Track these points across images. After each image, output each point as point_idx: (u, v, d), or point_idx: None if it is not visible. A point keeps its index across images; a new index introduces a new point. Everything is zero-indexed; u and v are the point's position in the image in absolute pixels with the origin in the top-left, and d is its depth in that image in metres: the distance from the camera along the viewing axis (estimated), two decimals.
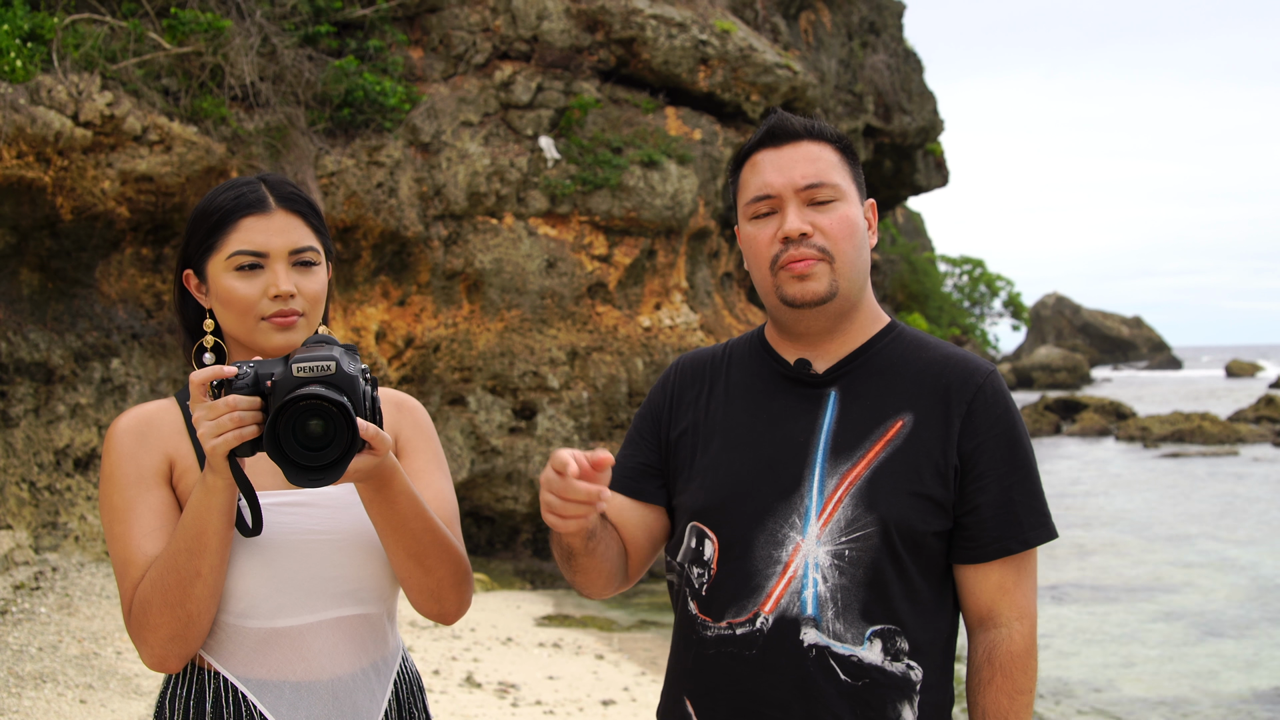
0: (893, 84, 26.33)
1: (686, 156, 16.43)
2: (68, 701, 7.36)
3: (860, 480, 2.62)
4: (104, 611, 9.62)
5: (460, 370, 15.55)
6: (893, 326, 2.81)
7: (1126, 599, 15.44)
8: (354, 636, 2.62)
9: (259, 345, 2.62)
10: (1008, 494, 2.64)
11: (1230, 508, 23.37)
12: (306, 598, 2.56)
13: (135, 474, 2.56)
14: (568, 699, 9.49)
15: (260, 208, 2.63)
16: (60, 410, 11.84)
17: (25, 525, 11.09)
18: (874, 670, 2.58)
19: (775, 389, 2.77)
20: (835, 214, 2.68)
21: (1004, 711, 2.62)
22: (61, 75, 11.67)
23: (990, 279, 60.83)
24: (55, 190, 11.69)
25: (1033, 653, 2.65)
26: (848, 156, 2.77)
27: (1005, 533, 2.63)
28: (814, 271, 2.66)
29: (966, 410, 2.66)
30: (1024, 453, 2.68)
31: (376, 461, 2.38)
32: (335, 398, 2.28)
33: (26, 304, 11.93)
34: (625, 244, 16.13)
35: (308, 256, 2.66)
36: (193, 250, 2.66)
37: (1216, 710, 10.71)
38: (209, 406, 2.34)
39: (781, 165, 2.71)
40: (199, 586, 2.45)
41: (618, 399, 15.84)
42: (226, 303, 2.61)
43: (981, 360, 2.76)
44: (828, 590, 2.59)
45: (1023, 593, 2.67)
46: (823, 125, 2.77)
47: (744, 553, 2.66)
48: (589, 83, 16.49)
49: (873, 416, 2.67)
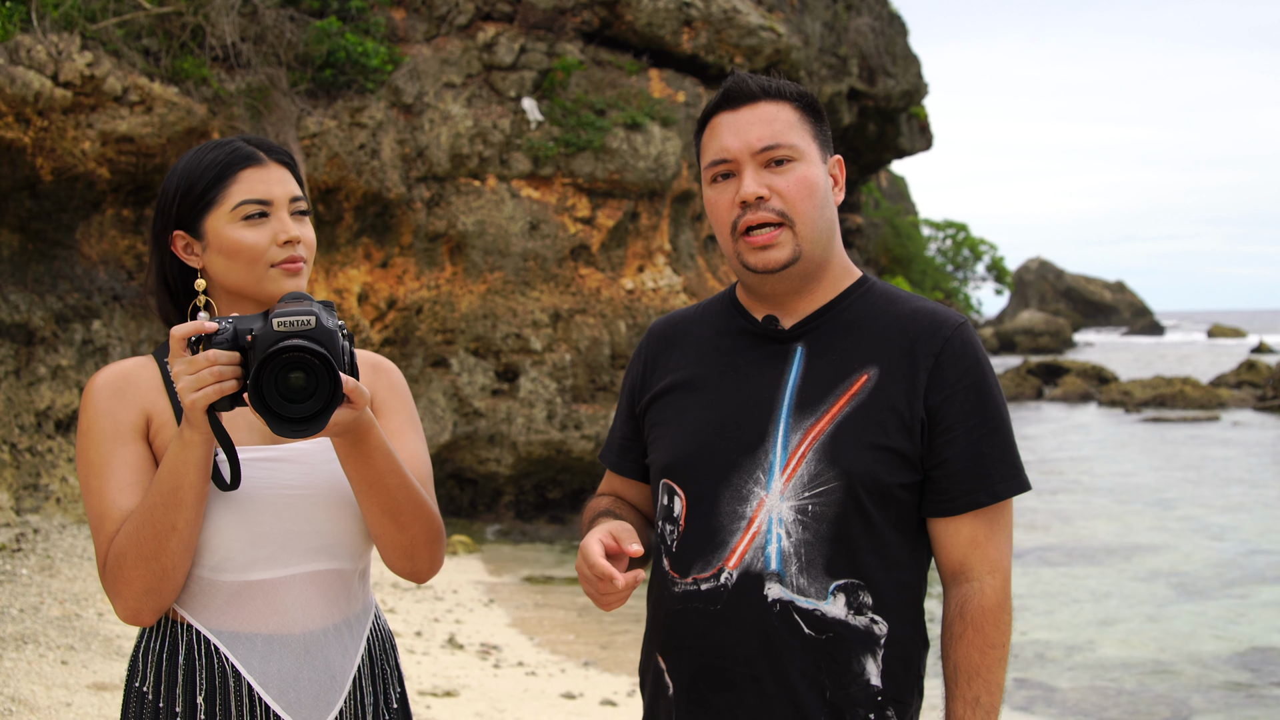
0: (877, 47, 26.27)
1: (670, 119, 16.40)
2: (49, 663, 7.37)
3: (824, 435, 2.61)
4: (85, 573, 9.63)
5: (443, 332, 15.53)
6: (863, 281, 2.79)
7: (1106, 561, 15.53)
8: (327, 591, 2.64)
9: (267, 293, 2.65)
10: (977, 446, 2.62)
11: (1211, 472, 23.50)
12: (280, 552, 2.58)
13: (112, 429, 2.57)
14: (549, 660, 9.53)
15: (255, 160, 2.67)
16: (41, 372, 11.81)
17: (6, 487, 11.08)
18: (837, 624, 2.59)
19: (743, 345, 2.77)
20: (793, 175, 2.66)
21: (975, 666, 2.61)
22: (41, 35, 11.59)
23: (974, 243, 60.80)
24: (35, 151, 11.63)
25: (1005, 607, 2.64)
26: (809, 114, 2.74)
27: (975, 485, 2.62)
28: (776, 240, 2.66)
29: (934, 363, 2.64)
30: (994, 405, 2.66)
31: (355, 415, 2.41)
32: (318, 349, 2.31)
33: (7, 265, 11.88)
34: (608, 206, 16.11)
35: (302, 206, 2.71)
36: (185, 209, 2.66)
37: (1194, 670, 10.79)
38: (189, 361, 2.36)
39: (738, 128, 2.69)
40: (174, 540, 2.46)
41: (600, 361, 15.84)
42: (234, 253, 2.63)
43: (951, 312, 2.73)
44: (791, 545, 2.60)
45: (994, 546, 2.65)
46: (781, 84, 2.73)
47: (709, 509, 2.67)
48: (572, 44, 16.43)
49: (838, 371, 2.66)
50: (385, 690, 2.74)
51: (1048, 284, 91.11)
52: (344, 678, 2.64)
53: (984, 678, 2.61)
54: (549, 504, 16.21)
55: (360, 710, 2.67)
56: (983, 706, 2.60)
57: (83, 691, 6.92)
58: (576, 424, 15.57)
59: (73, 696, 6.78)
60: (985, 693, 2.61)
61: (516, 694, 8.45)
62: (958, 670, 2.63)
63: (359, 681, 2.68)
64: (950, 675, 2.64)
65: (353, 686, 2.66)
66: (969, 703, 2.61)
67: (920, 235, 54.63)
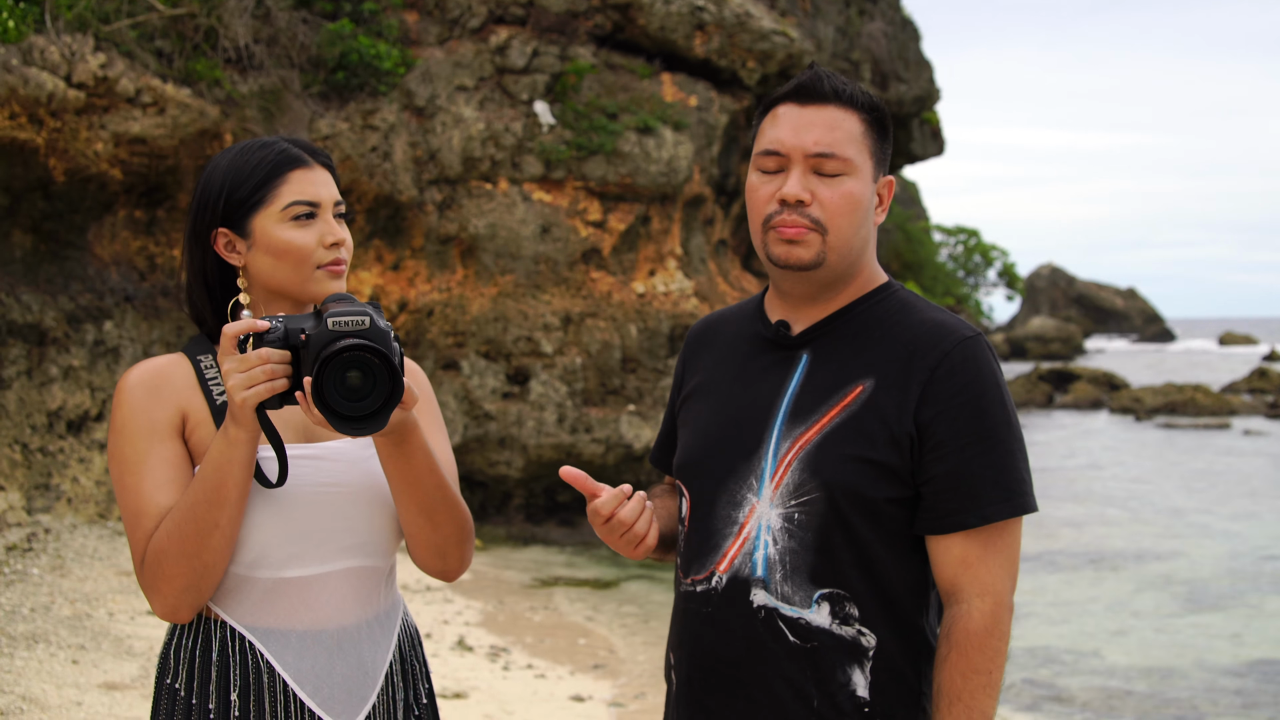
0: (889, 52, 26.26)
1: (682, 123, 16.39)
2: (60, 662, 7.39)
3: (810, 445, 2.59)
4: (96, 573, 9.65)
5: (454, 335, 15.55)
6: (884, 289, 2.74)
7: (1115, 569, 15.51)
8: (360, 588, 2.65)
9: (311, 294, 2.67)
10: (967, 466, 2.54)
11: (1221, 480, 23.45)
12: (316, 549, 2.60)
13: (148, 426, 2.58)
14: (558, 662, 9.54)
15: (303, 162, 2.70)
16: (53, 372, 11.84)
17: (18, 487, 11.10)
18: (821, 634, 2.57)
19: (756, 350, 2.76)
20: (839, 188, 2.61)
21: (957, 690, 2.53)
22: (54, 36, 11.62)
23: (985, 249, 60.78)
24: (48, 152, 11.67)
25: (994, 633, 2.54)
26: (875, 129, 2.67)
27: (961, 506, 2.54)
28: (804, 239, 2.62)
29: (929, 377, 2.57)
30: (992, 423, 2.57)
31: (404, 415, 2.45)
32: (379, 348, 2.35)
33: (19, 266, 11.91)
34: (620, 210, 16.12)
35: (343, 209, 2.76)
36: (232, 208, 2.67)
37: (1203, 679, 10.77)
38: (240, 359, 2.39)
39: (799, 125, 2.64)
40: (216, 537, 2.48)
41: (611, 365, 15.85)
42: (282, 254, 2.65)
43: (961, 325, 2.66)
44: (777, 553, 2.59)
45: (988, 569, 2.56)
46: (856, 91, 2.66)
47: (707, 511, 2.68)
48: (585, 48, 16.43)
49: (835, 381, 2.63)
50: (415, 686, 2.76)
51: (1059, 290, 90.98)
52: (376, 673, 2.66)
53: (965, 703, 2.52)
54: (559, 507, 16.21)
55: (391, 706, 2.69)
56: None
57: (93, 691, 6.93)
58: (587, 427, 15.57)
59: (83, 696, 6.80)
60: (965, 719, 2.52)
61: (526, 696, 8.46)
62: (940, 693, 2.55)
63: (390, 677, 2.69)
64: (935, 697, 2.58)
65: (385, 682, 2.68)
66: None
67: (932, 241, 54.61)
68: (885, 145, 2.70)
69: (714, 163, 16.97)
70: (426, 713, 2.77)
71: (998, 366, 2.66)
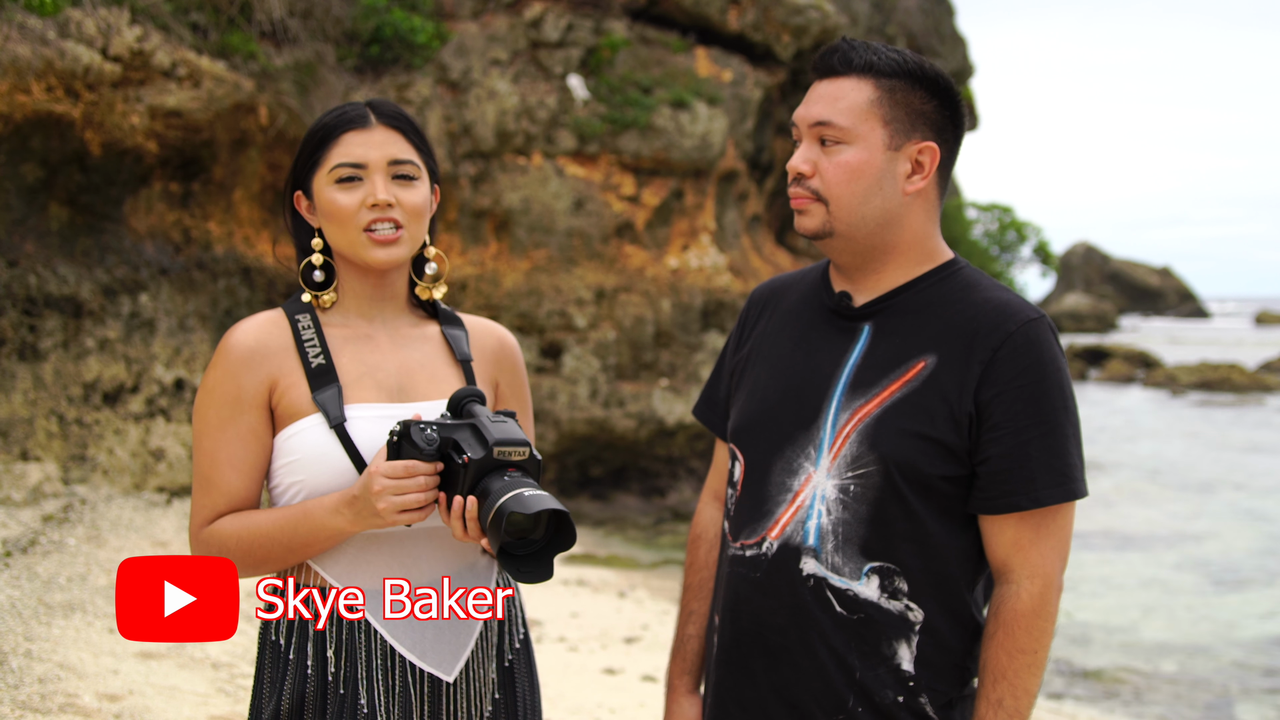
0: (924, 27, 26.12)
1: (716, 98, 16.35)
2: (96, 631, 7.44)
3: (870, 418, 2.60)
4: (131, 544, 9.71)
5: (487, 309, 15.56)
6: (949, 265, 2.74)
7: (1148, 546, 15.44)
8: (451, 540, 2.67)
9: (361, 259, 2.70)
10: (1024, 448, 2.56)
11: (1255, 457, 23.31)
12: None
13: (235, 393, 2.63)
14: (590, 636, 9.56)
15: (361, 123, 2.70)
16: (89, 344, 11.89)
17: (54, 457, 11.18)
18: (869, 606, 2.59)
19: (817, 319, 2.77)
20: (835, 158, 2.63)
21: (1002, 668, 2.58)
22: (90, 9, 11.65)
23: (1019, 226, 60.37)
24: (84, 125, 11.70)
25: (1042, 614, 2.58)
26: (896, 94, 2.64)
27: (1015, 488, 2.57)
28: (807, 210, 2.67)
29: (991, 357, 2.58)
30: (1050, 407, 2.59)
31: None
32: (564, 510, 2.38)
33: (55, 238, 11.97)
34: (653, 185, 16.09)
35: (407, 170, 2.74)
36: (300, 170, 2.74)
37: (1234, 655, 10.73)
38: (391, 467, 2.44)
39: (810, 99, 2.70)
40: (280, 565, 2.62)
41: (644, 339, 15.84)
42: (329, 215, 2.69)
43: (1025, 306, 2.66)
44: (830, 523, 2.60)
45: (1039, 552, 2.60)
46: (874, 58, 2.66)
47: (762, 477, 2.70)
48: (619, 22, 16.40)
49: (897, 355, 2.64)
50: (510, 632, 2.79)
51: (1094, 268, 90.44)
52: (472, 624, 2.69)
53: (1010, 681, 2.57)
54: (591, 481, 16.24)
55: (486, 654, 2.71)
56: (1005, 710, 2.57)
57: (130, 659, 6.98)
58: (620, 401, 15.58)
59: (120, 664, 6.84)
60: (1010, 696, 2.57)
61: (558, 669, 8.48)
62: (985, 670, 2.60)
63: (486, 626, 2.72)
64: (980, 673, 2.62)
65: (480, 631, 2.71)
66: (992, 704, 2.58)
67: (965, 217, 54.31)
68: (908, 111, 2.66)
69: (748, 137, 16.92)
70: (520, 657, 2.80)
71: (1060, 350, 2.68)
